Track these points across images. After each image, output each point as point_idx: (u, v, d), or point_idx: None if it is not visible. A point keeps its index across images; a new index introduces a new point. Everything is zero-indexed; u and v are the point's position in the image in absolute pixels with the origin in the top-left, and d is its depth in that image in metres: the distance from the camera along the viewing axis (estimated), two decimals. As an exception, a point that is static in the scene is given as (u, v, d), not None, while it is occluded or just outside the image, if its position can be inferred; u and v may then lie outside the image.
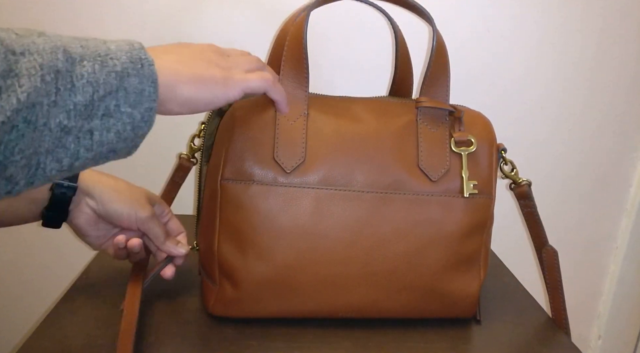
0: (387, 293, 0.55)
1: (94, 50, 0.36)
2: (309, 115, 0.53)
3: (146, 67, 0.38)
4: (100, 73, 0.36)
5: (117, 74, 0.37)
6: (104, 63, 0.36)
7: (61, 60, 0.34)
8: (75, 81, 0.35)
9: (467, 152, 0.55)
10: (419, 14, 0.57)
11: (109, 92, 0.36)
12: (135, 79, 0.38)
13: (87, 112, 0.35)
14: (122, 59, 0.37)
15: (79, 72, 0.35)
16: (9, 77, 0.31)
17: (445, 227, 0.54)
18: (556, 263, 0.62)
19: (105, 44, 0.38)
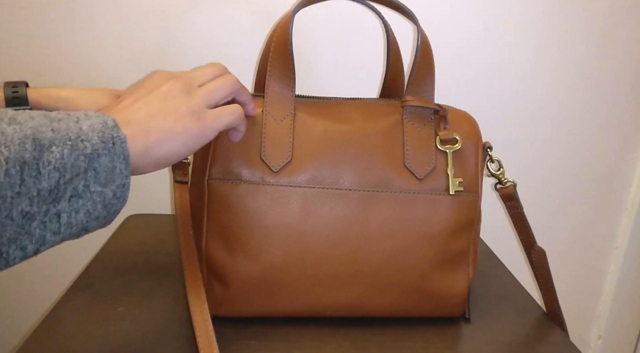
0: (375, 292, 0.55)
1: (65, 134, 0.35)
2: (296, 116, 0.54)
3: (117, 145, 0.38)
4: (69, 157, 0.35)
5: (86, 157, 0.36)
6: (74, 146, 0.35)
7: (29, 150, 0.33)
8: (41, 169, 0.34)
9: (452, 150, 0.55)
10: (404, 14, 0.58)
11: (77, 174, 0.35)
12: (106, 159, 0.37)
13: (52, 196, 0.34)
14: (92, 140, 0.36)
15: (47, 158, 0.34)
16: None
17: (432, 225, 0.54)
18: (545, 263, 0.61)
19: (77, 124, 0.36)
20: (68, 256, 0.93)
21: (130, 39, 0.82)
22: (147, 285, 0.64)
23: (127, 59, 0.83)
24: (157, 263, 0.69)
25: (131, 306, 0.59)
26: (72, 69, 0.83)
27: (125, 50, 0.83)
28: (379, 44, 0.86)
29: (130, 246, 0.75)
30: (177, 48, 0.83)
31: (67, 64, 0.83)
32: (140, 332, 0.54)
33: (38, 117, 0.35)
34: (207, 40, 0.83)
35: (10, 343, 0.97)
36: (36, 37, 0.81)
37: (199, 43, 0.83)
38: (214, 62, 0.50)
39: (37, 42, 0.82)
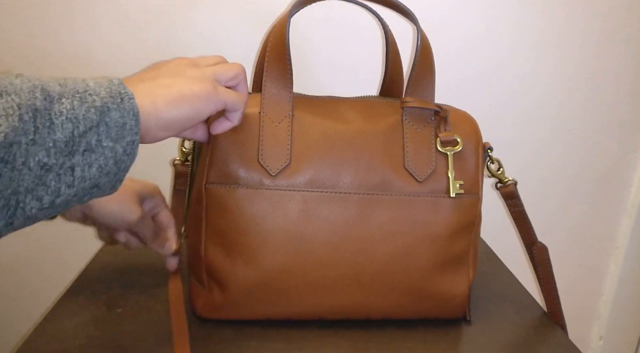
0: (376, 295, 0.54)
1: (72, 88, 0.37)
2: (294, 117, 0.53)
3: (126, 101, 0.38)
4: (80, 109, 0.36)
5: (97, 109, 0.37)
6: (82, 99, 0.36)
7: (39, 99, 0.34)
8: (54, 119, 0.34)
9: (453, 152, 0.55)
10: (403, 14, 0.57)
11: (90, 128, 0.36)
12: (117, 113, 0.38)
13: (67, 148, 0.35)
14: (101, 95, 0.37)
15: (58, 109, 0.35)
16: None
17: (433, 227, 0.54)
18: (547, 259, 0.61)
19: (84, 82, 0.38)
20: (67, 256, 0.93)
21: (130, 38, 0.82)
22: (146, 286, 0.64)
23: (127, 59, 0.83)
24: (156, 264, 0.69)
25: (130, 307, 0.59)
26: (72, 68, 0.83)
27: (126, 49, 0.83)
28: (377, 44, 0.86)
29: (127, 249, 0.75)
30: (177, 48, 0.83)
31: (68, 63, 0.83)
32: (139, 333, 0.54)
33: (44, 76, 0.36)
34: (206, 40, 0.83)
35: (10, 343, 0.97)
36: (37, 37, 0.81)
37: (198, 43, 0.83)
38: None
39: (37, 41, 0.81)
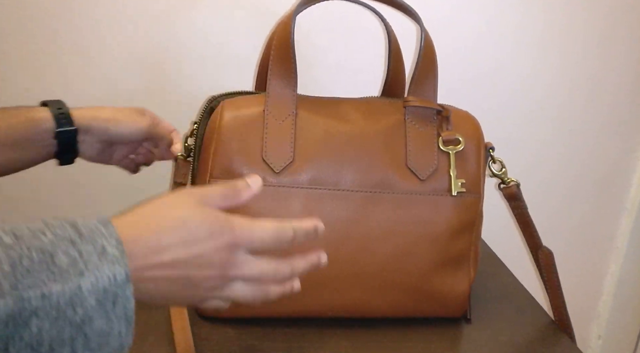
0: (377, 293, 0.55)
1: (55, 300, 0.30)
2: (298, 115, 0.54)
3: (119, 305, 0.32)
4: (50, 331, 0.30)
5: (73, 325, 0.31)
6: (60, 319, 0.30)
7: (5, 334, 0.29)
8: (10, 348, 0.29)
9: (455, 151, 0.55)
10: (407, 14, 0.57)
11: (60, 344, 0.31)
12: (101, 321, 0.32)
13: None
14: (87, 304, 0.31)
15: (19, 335, 0.29)
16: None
17: (434, 226, 0.54)
18: (553, 265, 0.61)
19: (79, 278, 0.31)
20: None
21: (130, 38, 0.82)
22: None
23: (127, 59, 0.83)
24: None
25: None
26: (72, 68, 0.83)
27: (126, 49, 0.83)
28: (379, 44, 0.85)
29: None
30: (177, 48, 0.83)
31: (67, 63, 0.83)
32: (139, 333, 0.53)
33: (38, 269, 0.30)
34: (207, 40, 0.83)
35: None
36: (36, 37, 0.81)
37: (199, 43, 0.83)
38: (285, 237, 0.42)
39: (37, 41, 0.81)
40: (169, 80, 0.85)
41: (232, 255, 0.38)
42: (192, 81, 0.85)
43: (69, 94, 0.81)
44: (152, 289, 0.36)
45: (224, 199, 0.41)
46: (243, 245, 0.39)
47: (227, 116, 0.53)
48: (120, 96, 0.84)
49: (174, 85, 0.85)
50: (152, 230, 0.36)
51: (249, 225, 0.39)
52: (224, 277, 0.39)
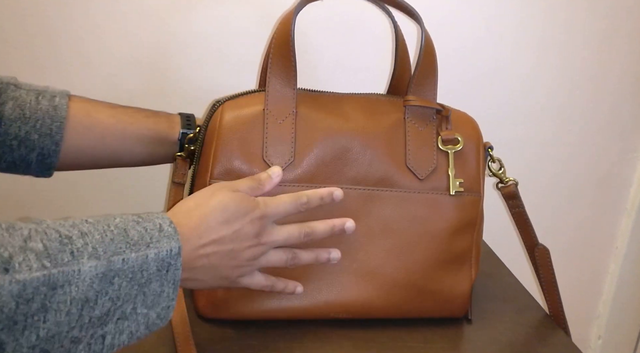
0: (378, 292, 0.55)
1: (131, 265, 0.38)
2: (298, 113, 0.54)
3: (171, 272, 0.40)
4: (125, 288, 0.37)
5: (140, 286, 0.38)
6: (132, 279, 0.38)
7: (95, 289, 0.35)
8: (98, 300, 0.36)
9: (453, 151, 0.55)
10: (407, 13, 0.57)
11: (127, 300, 0.38)
12: (156, 284, 0.39)
13: (101, 321, 0.36)
14: (151, 270, 0.39)
15: (105, 290, 0.36)
16: (38, 313, 0.32)
17: (433, 224, 0.55)
18: (549, 262, 0.61)
19: (147, 250, 0.39)
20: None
21: (129, 38, 0.82)
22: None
23: (127, 59, 0.83)
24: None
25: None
26: (72, 69, 0.83)
27: (125, 49, 0.82)
28: (380, 42, 0.85)
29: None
30: (177, 47, 0.83)
31: (67, 63, 0.82)
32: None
33: (118, 240, 0.38)
34: (207, 40, 0.83)
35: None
36: (36, 37, 0.81)
37: (198, 42, 0.83)
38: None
39: (36, 42, 0.81)
40: (169, 81, 0.85)
41: (262, 226, 0.47)
42: (193, 82, 0.85)
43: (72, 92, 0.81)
44: (205, 265, 0.45)
45: (251, 190, 0.49)
46: (270, 216, 0.48)
47: (227, 116, 0.53)
48: (120, 96, 0.84)
49: (174, 85, 0.85)
50: (199, 216, 0.45)
51: (272, 200, 0.49)
52: (259, 244, 0.47)
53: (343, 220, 0.52)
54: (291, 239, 0.49)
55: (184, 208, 0.46)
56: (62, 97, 0.56)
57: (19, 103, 0.54)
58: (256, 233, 0.47)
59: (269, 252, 0.49)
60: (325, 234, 0.51)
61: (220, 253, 0.45)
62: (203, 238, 0.44)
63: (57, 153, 0.55)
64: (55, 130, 0.54)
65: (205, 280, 0.46)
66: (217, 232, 0.45)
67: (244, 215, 0.46)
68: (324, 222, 0.51)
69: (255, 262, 0.48)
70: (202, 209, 0.45)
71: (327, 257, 0.52)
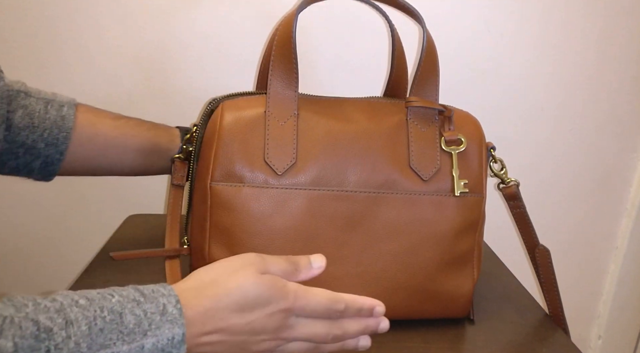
0: (381, 294, 0.54)
1: None
2: (300, 116, 0.54)
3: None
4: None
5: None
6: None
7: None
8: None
9: (457, 151, 0.55)
10: (409, 14, 0.57)
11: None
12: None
13: None
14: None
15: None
16: None
17: (438, 226, 0.54)
18: (550, 263, 0.61)
19: (143, 340, 0.35)
20: (69, 256, 0.93)
21: (130, 37, 0.82)
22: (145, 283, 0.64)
23: (127, 59, 0.83)
24: (156, 263, 0.69)
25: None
26: (72, 68, 0.83)
27: (126, 49, 0.82)
28: (381, 44, 0.85)
29: (130, 246, 0.75)
30: (177, 47, 0.83)
31: (68, 63, 0.82)
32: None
33: (108, 329, 0.34)
34: (207, 39, 0.83)
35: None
36: (36, 36, 0.81)
37: (199, 42, 0.83)
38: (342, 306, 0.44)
39: (37, 40, 0.81)
40: (169, 80, 0.85)
41: (285, 320, 0.41)
42: (193, 81, 0.85)
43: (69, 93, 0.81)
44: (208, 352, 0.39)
45: (284, 274, 0.43)
46: (296, 311, 0.41)
47: (228, 118, 0.52)
48: (120, 96, 0.84)
49: (174, 85, 0.85)
50: (211, 297, 0.39)
51: (304, 294, 0.42)
52: (277, 339, 0.41)
53: (378, 321, 0.45)
54: (316, 339, 0.43)
55: (196, 285, 0.40)
56: (70, 107, 0.57)
57: (28, 111, 0.55)
58: (275, 328, 0.41)
59: (288, 343, 0.43)
60: (355, 336, 0.45)
61: (227, 343, 0.39)
62: (207, 325, 0.38)
63: (60, 161, 0.57)
64: (62, 140, 0.56)
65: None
66: (227, 321, 0.39)
67: (265, 305, 0.40)
68: (357, 323, 0.44)
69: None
70: (217, 289, 0.39)
71: (354, 345, 0.45)
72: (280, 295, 0.40)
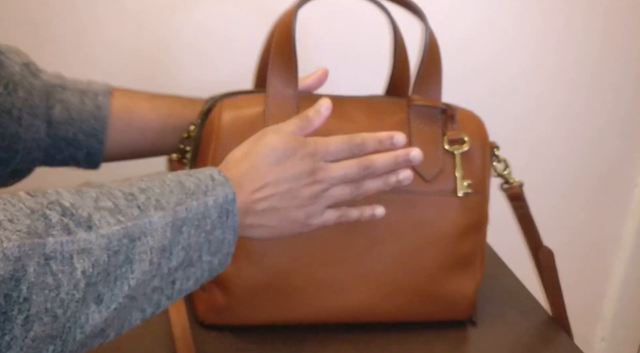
0: (383, 296, 0.54)
1: (195, 212, 0.39)
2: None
3: (231, 218, 0.42)
4: (194, 236, 0.39)
5: (206, 233, 0.40)
6: (199, 226, 0.39)
7: (168, 238, 0.37)
8: (173, 250, 0.38)
9: (460, 151, 0.55)
10: (412, 11, 0.57)
11: (196, 249, 0.40)
12: (219, 231, 0.41)
13: (176, 270, 0.39)
14: (213, 217, 0.40)
15: (177, 240, 0.38)
16: (124, 264, 0.35)
17: (440, 227, 0.54)
18: (553, 264, 0.61)
19: (205, 198, 0.40)
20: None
21: (128, 34, 0.82)
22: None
23: (126, 56, 0.83)
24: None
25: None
26: (71, 64, 0.82)
27: (125, 46, 0.82)
28: (382, 41, 0.85)
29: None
30: (177, 43, 0.83)
31: (67, 59, 0.82)
32: (139, 334, 0.53)
33: (177, 191, 0.39)
34: (207, 36, 0.83)
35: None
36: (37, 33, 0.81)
37: (199, 39, 0.83)
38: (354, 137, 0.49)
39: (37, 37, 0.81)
40: (169, 78, 0.84)
41: (315, 163, 0.47)
42: (192, 79, 0.85)
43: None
44: (267, 208, 0.45)
45: (299, 129, 0.48)
46: (320, 153, 0.47)
47: (226, 117, 0.52)
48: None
49: (174, 82, 0.85)
50: (249, 162, 0.45)
51: (322, 139, 0.48)
52: (316, 181, 0.47)
53: (407, 151, 0.50)
54: (350, 174, 0.48)
55: (233, 160, 0.46)
56: (104, 95, 0.58)
57: (66, 105, 0.56)
58: (310, 171, 0.46)
59: (330, 188, 0.48)
60: (386, 168, 0.49)
61: (278, 194, 0.45)
62: (256, 182, 0.44)
63: (101, 151, 0.58)
64: (100, 130, 0.57)
65: (274, 225, 0.46)
66: (270, 174, 0.45)
67: (294, 153, 0.46)
68: (384, 154, 0.49)
69: (318, 201, 0.47)
70: (251, 156, 0.45)
71: (395, 179, 0.50)
72: (303, 142, 0.47)
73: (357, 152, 0.48)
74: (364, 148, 0.49)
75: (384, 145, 0.49)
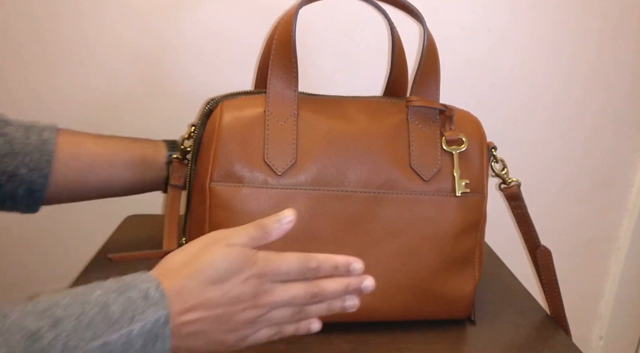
0: (382, 295, 0.54)
1: (112, 348, 0.36)
2: (300, 116, 0.53)
3: (160, 343, 0.38)
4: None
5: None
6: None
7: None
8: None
9: (458, 151, 0.55)
10: (410, 13, 0.57)
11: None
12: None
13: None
14: (137, 346, 0.37)
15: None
16: None
17: (439, 226, 0.54)
18: (551, 263, 0.61)
19: (130, 326, 0.36)
20: (67, 256, 0.93)
21: (130, 34, 0.82)
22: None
23: (128, 56, 0.83)
24: (155, 264, 0.69)
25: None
26: (71, 66, 0.83)
27: (127, 47, 0.82)
28: (381, 42, 0.85)
29: (128, 246, 0.74)
30: (177, 44, 0.83)
31: (69, 60, 0.82)
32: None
33: (97, 320, 0.35)
34: (207, 37, 0.83)
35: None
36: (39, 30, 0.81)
37: (199, 39, 0.83)
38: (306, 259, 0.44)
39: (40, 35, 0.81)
40: (169, 79, 0.85)
41: (260, 286, 0.42)
42: (193, 79, 0.85)
43: (71, 90, 0.81)
44: (192, 332, 0.40)
45: (253, 241, 0.43)
46: (270, 275, 0.42)
47: (227, 117, 0.52)
48: (119, 93, 0.84)
49: (174, 83, 0.85)
50: (185, 276, 0.40)
51: (275, 257, 0.42)
52: (256, 306, 0.42)
53: (360, 279, 0.45)
54: (295, 301, 0.43)
55: (174, 266, 0.41)
56: (51, 131, 0.57)
57: (8, 139, 0.54)
58: (252, 294, 0.41)
59: (270, 312, 0.43)
60: (335, 296, 0.45)
61: (209, 319, 0.40)
62: (187, 302, 0.39)
63: (45, 186, 0.56)
64: (44, 163, 0.55)
65: (197, 347, 0.41)
66: (203, 295, 0.40)
67: (237, 273, 0.41)
68: (336, 281, 0.44)
69: (254, 325, 0.43)
70: (189, 269, 0.40)
71: (341, 305, 0.45)
72: (251, 262, 0.41)
73: (310, 276, 0.44)
74: (318, 273, 0.44)
75: (339, 272, 0.44)
